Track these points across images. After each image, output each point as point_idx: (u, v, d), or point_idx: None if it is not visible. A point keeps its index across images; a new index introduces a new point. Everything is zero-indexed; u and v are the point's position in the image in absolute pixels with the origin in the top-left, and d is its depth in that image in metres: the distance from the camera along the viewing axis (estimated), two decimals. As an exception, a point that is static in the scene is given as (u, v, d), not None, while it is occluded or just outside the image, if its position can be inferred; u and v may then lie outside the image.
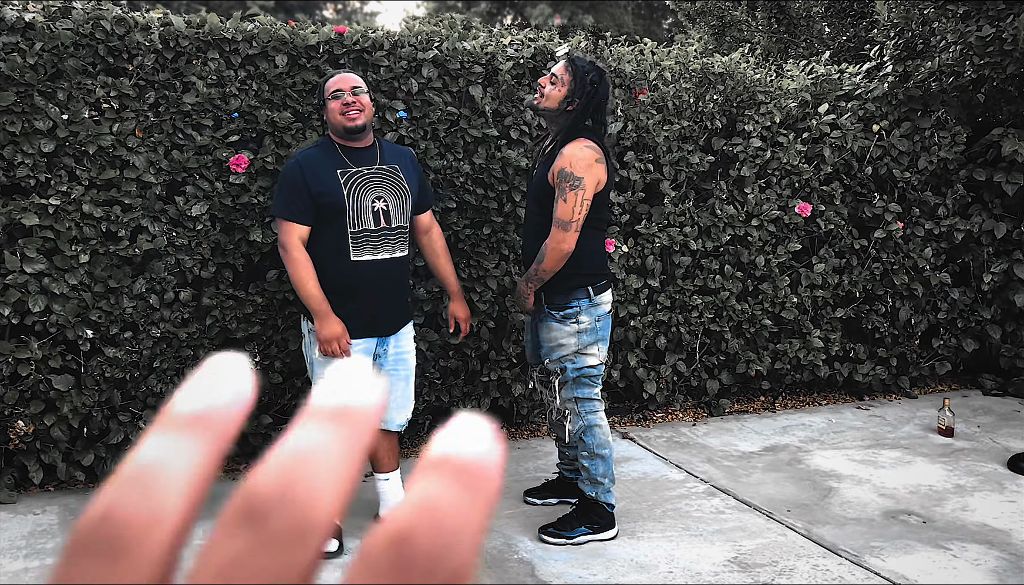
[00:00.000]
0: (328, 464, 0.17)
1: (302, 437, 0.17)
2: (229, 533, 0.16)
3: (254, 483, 0.17)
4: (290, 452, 0.17)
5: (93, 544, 0.16)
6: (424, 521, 0.16)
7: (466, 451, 0.18)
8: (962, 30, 5.40)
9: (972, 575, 3.30)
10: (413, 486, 0.17)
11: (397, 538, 0.16)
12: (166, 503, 0.16)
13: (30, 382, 3.81)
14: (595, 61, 3.52)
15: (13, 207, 3.72)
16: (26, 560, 3.33)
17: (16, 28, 3.72)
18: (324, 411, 0.18)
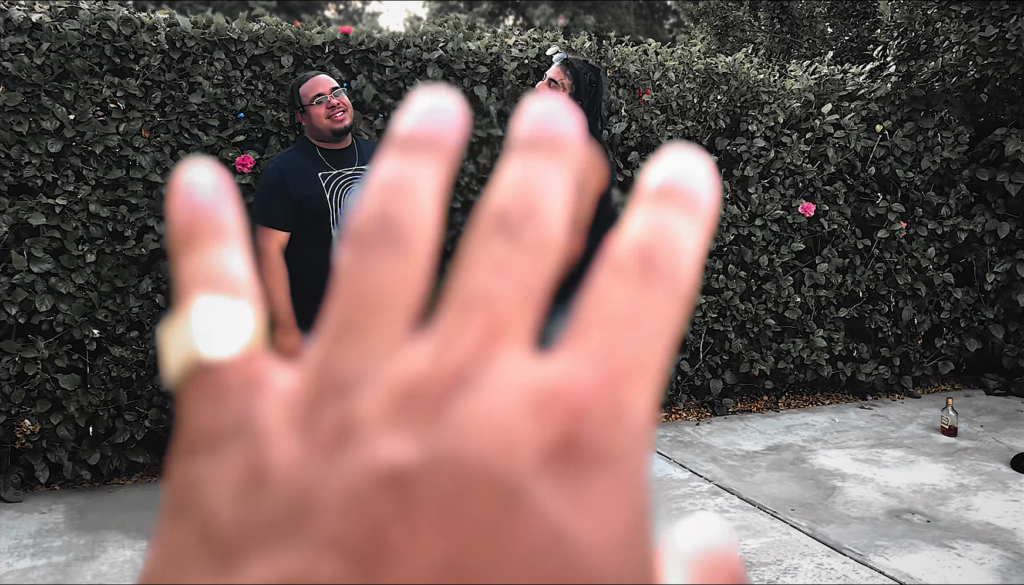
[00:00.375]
0: (555, 189, 0.19)
1: (525, 168, 0.19)
2: (489, 240, 0.19)
3: (500, 201, 0.19)
4: (521, 177, 0.19)
5: (379, 239, 0.19)
6: (663, 241, 0.19)
7: (688, 180, 0.20)
8: (965, 30, 5.40)
9: (976, 574, 3.31)
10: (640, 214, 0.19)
11: (643, 252, 0.19)
12: (428, 208, 0.19)
13: (37, 381, 3.82)
14: (587, 59, 3.53)
15: (20, 207, 3.74)
16: (33, 558, 3.34)
17: (23, 28, 3.74)
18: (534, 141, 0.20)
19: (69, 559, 3.34)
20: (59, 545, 3.46)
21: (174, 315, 0.20)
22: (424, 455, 0.17)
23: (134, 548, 3.44)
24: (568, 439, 0.17)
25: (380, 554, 0.16)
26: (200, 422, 0.19)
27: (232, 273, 0.20)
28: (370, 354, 0.18)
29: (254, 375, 0.19)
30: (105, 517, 3.72)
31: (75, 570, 3.26)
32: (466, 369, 0.18)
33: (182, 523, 0.18)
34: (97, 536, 3.54)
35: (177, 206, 0.21)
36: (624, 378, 0.18)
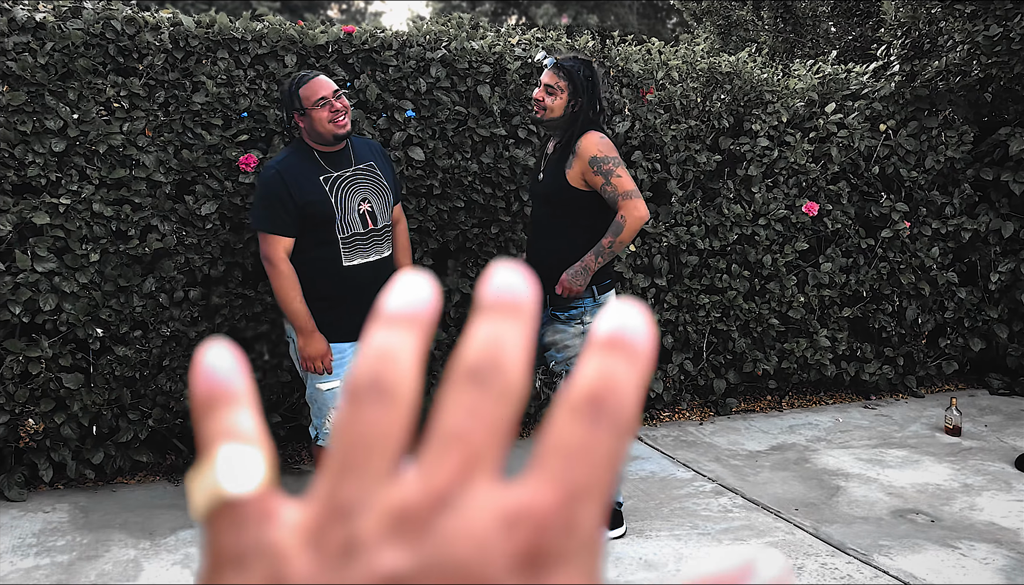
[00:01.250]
0: (516, 345, 0.23)
1: (490, 328, 0.23)
2: (463, 388, 0.23)
3: (471, 355, 0.23)
4: (487, 335, 0.23)
5: (371, 395, 0.23)
6: (609, 388, 0.22)
7: (627, 328, 0.23)
8: (969, 29, 5.39)
9: (981, 574, 3.31)
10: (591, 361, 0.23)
11: (592, 397, 0.22)
12: (410, 370, 0.23)
13: (40, 380, 3.83)
14: (576, 55, 3.53)
15: (24, 206, 3.74)
16: (36, 557, 3.35)
17: (27, 28, 3.74)
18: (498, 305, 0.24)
19: (72, 558, 3.35)
20: (63, 544, 3.46)
21: (199, 463, 0.24)
22: (417, 564, 0.21)
23: (137, 547, 3.45)
24: (533, 548, 0.21)
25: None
26: (225, 546, 0.23)
27: (247, 427, 0.25)
28: (366, 486, 0.23)
29: (267, 508, 0.23)
30: (108, 516, 3.73)
31: (78, 569, 3.27)
32: (447, 494, 0.22)
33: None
34: (100, 535, 3.54)
35: (199, 381, 0.25)
36: (577, 499, 0.22)
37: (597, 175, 3.33)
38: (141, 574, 3.25)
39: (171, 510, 3.80)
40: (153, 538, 3.53)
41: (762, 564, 0.23)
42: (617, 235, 3.33)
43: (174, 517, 3.73)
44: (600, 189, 3.35)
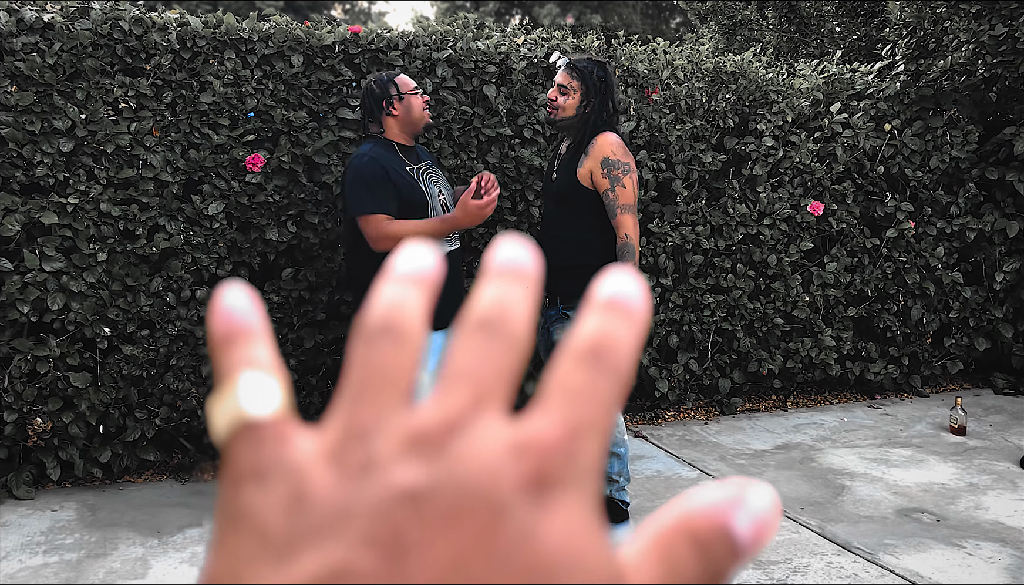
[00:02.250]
0: (522, 304, 0.25)
1: (499, 288, 0.25)
2: (473, 335, 0.25)
3: (481, 308, 0.25)
4: (495, 293, 0.25)
5: (383, 335, 0.25)
6: (608, 340, 0.25)
7: (624, 292, 0.25)
8: (974, 29, 5.40)
9: (986, 572, 3.31)
10: (591, 318, 0.25)
11: (593, 347, 0.24)
12: (419, 319, 0.25)
13: (48, 379, 3.84)
14: (590, 56, 3.55)
15: (32, 206, 3.76)
16: (45, 556, 3.36)
17: (35, 28, 3.76)
18: (504, 271, 0.26)
19: (81, 556, 3.36)
20: (71, 542, 3.47)
21: (219, 390, 0.26)
22: (431, 480, 0.22)
23: (145, 545, 3.46)
24: (538, 473, 0.23)
25: (402, 550, 0.21)
26: (246, 464, 0.24)
27: (265, 358, 0.26)
28: (383, 412, 0.24)
29: (285, 431, 0.25)
30: (116, 514, 3.74)
31: (87, 567, 3.28)
32: (460, 421, 0.23)
33: (238, 535, 0.23)
34: (108, 533, 3.56)
35: (217, 319, 0.26)
36: (578, 433, 0.23)
37: (604, 178, 3.36)
38: (149, 572, 3.26)
39: (178, 508, 3.82)
40: (161, 536, 3.55)
41: (752, 497, 0.24)
42: (632, 257, 3.38)
43: (181, 515, 3.74)
44: (603, 192, 3.37)
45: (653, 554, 0.24)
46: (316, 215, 4.21)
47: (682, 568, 0.23)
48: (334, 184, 4.21)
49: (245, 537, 0.23)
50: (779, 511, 0.24)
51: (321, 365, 4.37)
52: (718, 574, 0.23)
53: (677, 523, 0.24)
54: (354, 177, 3.27)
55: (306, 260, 4.29)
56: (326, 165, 4.19)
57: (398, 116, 3.37)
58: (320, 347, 4.34)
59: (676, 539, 0.24)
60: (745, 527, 0.23)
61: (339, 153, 4.23)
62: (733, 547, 0.23)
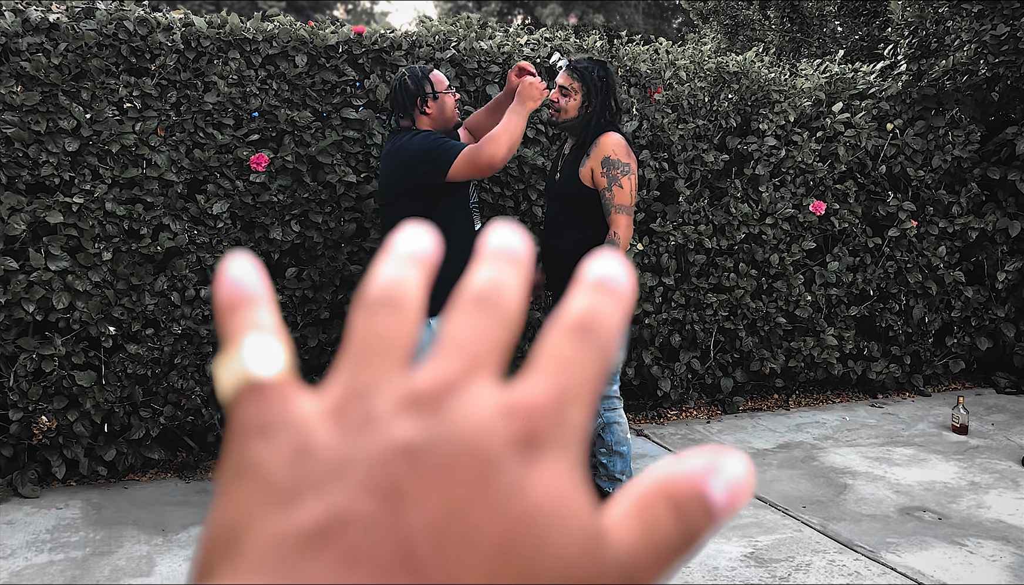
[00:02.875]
0: (514, 284, 0.27)
1: (493, 268, 0.27)
2: (469, 309, 0.26)
3: (476, 285, 0.27)
4: (488, 273, 0.27)
5: (383, 305, 0.27)
6: (595, 316, 0.26)
7: (612, 274, 0.27)
8: (976, 29, 5.40)
9: (988, 571, 3.32)
10: (580, 296, 0.27)
11: (581, 321, 0.26)
12: (417, 293, 0.27)
13: (53, 378, 3.86)
14: (590, 56, 3.58)
15: (38, 205, 3.78)
16: (51, 553, 3.38)
17: (41, 29, 3.77)
18: (497, 254, 0.28)
19: (86, 554, 3.38)
20: (76, 540, 3.49)
21: (225, 351, 0.27)
22: (426, 436, 0.24)
23: (150, 543, 3.47)
24: (527, 433, 0.24)
25: (399, 498, 0.23)
26: (250, 418, 0.25)
27: (269, 322, 0.28)
28: (382, 375, 0.25)
29: (289, 391, 0.26)
30: (121, 513, 3.76)
31: (92, 564, 3.30)
32: (455, 384, 0.25)
33: (244, 485, 0.24)
34: (113, 531, 3.57)
35: (223, 287, 0.28)
36: (566, 399, 0.25)
37: (603, 177, 3.39)
38: (154, 570, 3.28)
39: (183, 506, 3.83)
40: (165, 534, 3.56)
41: (727, 464, 0.26)
42: None
43: (186, 514, 3.76)
44: (600, 191, 3.41)
45: (633, 515, 0.25)
46: (320, 214, 4.23)
47: (660, 529, 0.25)
48: (338, 184, 4.22)
49: (250, 487, 0.24)
50: (752, 479, 0.26)
51: (325, 364, 4.38)
52: (693, 536, 0.25)
53: (657, 487, 0.25)
54: (420, 147, 3.28)
55: (310, 259, 4.31)
56: (330, 165, 4.20)
57: (431, 114, 3.40)
58: (324, 346, 4.35)
59: (655, 502, 0.25)
60: (720, 492, 0.25)
61: (343, 153, 4.25)
62: (708, 511, 0.25)
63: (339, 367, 0.27)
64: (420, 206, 3.29)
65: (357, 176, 4.29)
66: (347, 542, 0.22)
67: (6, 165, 3.74)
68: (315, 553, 0.22)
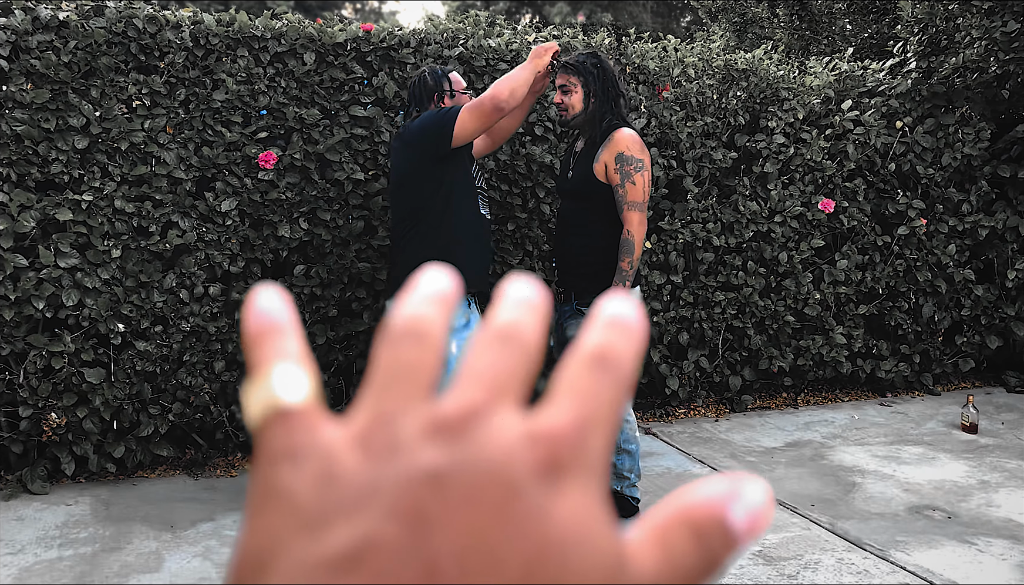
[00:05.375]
0: (534, 325, 0.28)
1: (512, 310, 0.28)
2: (491, 343, 0.27)
3: (499, 322, 0.28)
4: (509, 313, 0.28)
5: (407, 337, 0.27)
6: (612, 350, 0.27)
7: (624, 313, 0.28)
8: (987, 26, 5.38)
9: (998, 570, 3.31)
10: (595, 331, 0.28)
11: (599, 354, 0.27)
12: (441, 328, 0.28)
13: (63, 375, 3.87)
14: (580, 51, 3.61)
15: (47, 203, 3.79)
16: (60, 549, 3.39)
17: (50, 26, 3.79)
18: (517, 299, 0.28)
19: (95, 550, 3.39)
20: (85, 536, 3.50)
21: (253, 379, 0.27)
22: (452, 462, 0.24)
23: (159, 540, 3.48)
24: (550, 460, 0.25)
25: (424, 523, 0.23)
26: (278, 445, 0.26)
27: (296, 351, 0.28)
28: (406, 402, 0.26)
29: (314, 418, 0.27)
30: (130, 509, 3.77)
31: (101, 560, 3.31)
32: (479, 412, 0.25)
33: (272, 512, 0.25)
34: (122, 528, 3.58)
35: (252, 319, 0.29)
36: (587, 427, 0.26)
37: (616, 173, 3.40)
38: (163, 566, 3.29)
39: (191, 503, 3.84)
40: (174, 531, 3.57)
41: (748, 490, 0.26)
42: (631, 254, 3.41)
43: (194, 510, 3.77)
44: (614, 187, 3.41)
45: (654, 541, 0.25)
46: (328, 212, 4.23)
47: (681, 555, 0.25)
48: (346, 181, 4.23)
49: (279, 513, 0.25)
50: (772, 505, 0.26)
51: (333, 361, 4.39)
52: (714, 562, 0.25)
53: (678, 513, 0.26)
54: (423, 119, 3.37)
55: (318, 257, 4.31)
56: (338, 162, 4.21)
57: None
58: (332, 343, 4.36)
59: (676, 528, 0.25)
60: (741, 518, 0.25)
61: (351, 150, 4.25)
62: (729, 536, 0.25)
63: (364, 395, 0.27)
64: (428, 190, 3.35)
65: (365, 174, 4.30)
66: (375, 567, 0.23)
67: (16, 162, 3.75)
68: (344, 577, 0.23)
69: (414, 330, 0.27)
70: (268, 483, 0.25)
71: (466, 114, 3.28)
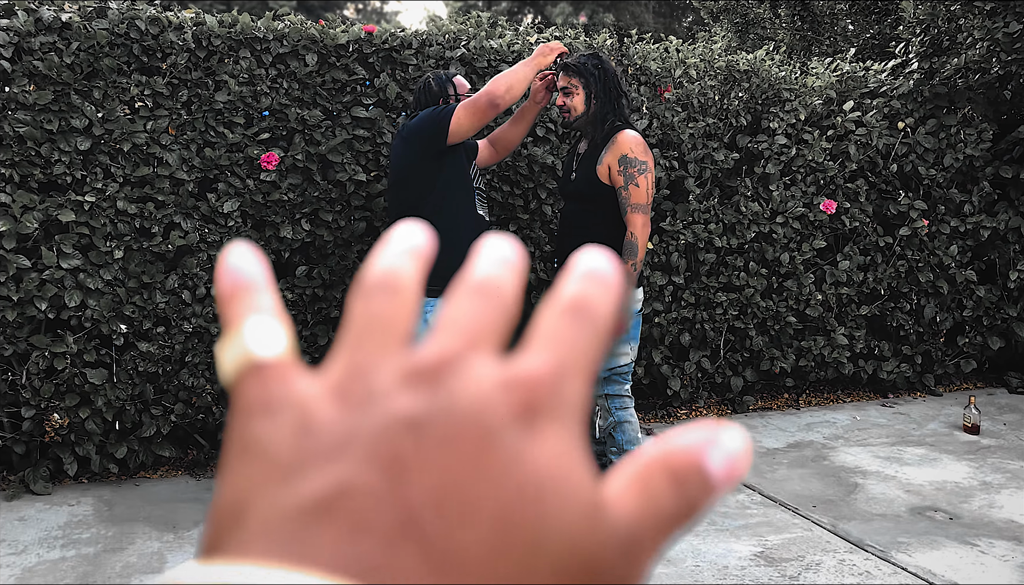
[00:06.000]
0: (509, 278, 0.28)
1: (488, 265, 0.28)
2: (469, 295, 0.27)
3: (476, 276, 0.28)
4: (486, 267, 0.28)
5: (381, 290, 0.28)
6: (588, 298, 0.27)
7: (600, 265, 0.28)
8: (989, 26, 5.38)
9: (999, 571, 3.31)
10: (571, 282, 0.28)
11: (575, 302, 0.27)
12: (414, 280, 0.28)
13: (65, 376, 3.88)
14: (580, 52, 3.62)
15: (50, 204, 3.80)
16: (63, 549, 3.40)
17: (53, 28, 3.79)
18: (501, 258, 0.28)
19: (98, 550, 3.39)
20: (88, 537, 3.51)
21: (227, 333, 0.27)
22: (428, 408, 0.24)
23: (161, 540, 3.49)
24: (527, 405, 0.25)
25: (401, 469, 0.23)
26: (253, 398, 0.26)
27: (270, 305, 0.28)
28: (381, 352, 0.26)
29: (289, 370, 0.27)
30: (132, 510, 3.78)
31: (104, 561, 3.31)
32: (455, 359, 0.25)
33: (248, 462, 0.25)
34: (125, 528, 3.59)
35: (224, 276, 0.29)
36: (563, 373, 0.26)
37: (620, 175, 3.40)
38: (166, 566, 3.29)
39: (194, 504, 3.85)
40: (176, 531, 3.58)
41: (725, 437, 0.26)
42: (634, 256, 3.42)
43: (197, 511, 3.78)
44: (617, 190, 3.42)
45: (634, 486, 0.26)
46: (330, 213, 4.24)
47: (660, 499, 0.25)
48: (348, 182, 4.23)
49: (255, 463, 0.25)
50: (750, 452, 0.26)
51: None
52: (692, 507, 0.26)
53: (657, 459, 0.26)
54: (420, 118, 3.39)
55: (320, 258, 4.32)
56: (340, 163, 4.21)
57: None
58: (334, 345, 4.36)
59: (655, 473, 0.26)
60: (718, 464, 0.25)
61: (353, 152, 4.26)
62: (707, 482, 0.25)
63: (339, 347, 0.27)
64: (424, 187, 3.37)
65: (367, 175, 4.30)
66: (351, 512, 0.23)
67: (19, 164, 3.76)
68: (320, 524, 0.23)
69: (388, 283, 0.28)
70: (243, 436, 0.25)
71: (462, 111, 3.29)
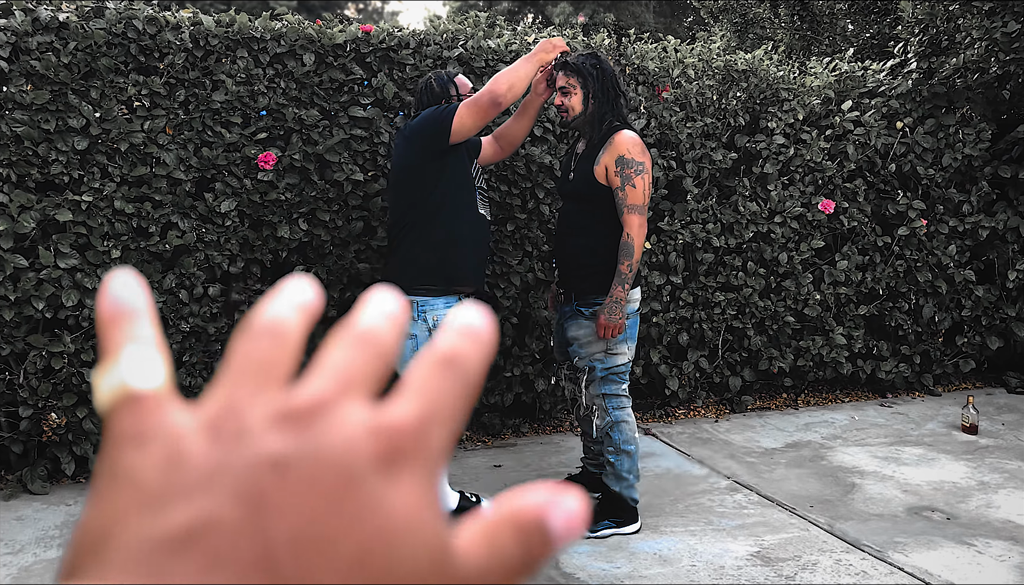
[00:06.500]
0: (389, 329, 0.29)
1: (372, 315, 0.29)
2: (347, 343, 0.28)
3: (358, 325, 0.29)
4: (368, 316, 0.29)
5: (265, 334, 0.28)
6: (458, 352, 0.29)
7: (475, 322, 0.30)
8: (987, 26, 5.37)
9: (996, 571, 3.31)
10: (446, 336, 0.29)
11: (446, 356, 0.29)
12: (298, 328, 0.29)
13: (63, 375, 3.88)
14: (580, 52, 3.61)
15: (47, 203, 3.80)
16: (60, 549, 3.40)
17: (50, 28, 3.79)
18: (381, 306, 0.30)
19: (95, 550, 3.39)
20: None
21: (105, 361, 0.28)
22: (295, 450, 0.25)
23: (158, 540, 3.49)
24: (390, 452, 0.26)
25: (263, 508, 0.24)
26: (126, 429, 0.26)
27: (148, 335, 0.29)
28: (258, 392, 0.27)
29: (163, 403, 0.27)
30: (130, 509, 3.77)
31: (101, 561, 3.31)
32: (327, 403, 0.26)
33: (116, 490, 0.25)
34: (122, 528, 3.59)
35: (104, 303, 0.29)
36: (429, 422, 0.27)
37: (617, 176, 3.40)
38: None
39: (191, 503, 3.85)
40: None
41: (566, 499, 0.28)
42: (630, 256, 3.41)
43: (194, 510, 3.77)
44: (614, 190, 3.41)
45: (482, 536, 0.27)
46: (327, 213, 4.24)
47: (505, 550, 0.27)
48: (345, 182, 4.23)
49: (122, 494, 0.25)
50: (587, 513, 0.28)
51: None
52: (533, 558, 0.27)
53: (504, 514, 0.28)
54: (422, 117, 3.37)
55: (317, 258, 4.32)
56: (337, 163, 4.21)
57: None
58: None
59: (503, 526, 0.27)
60: (559, 522, 0.27)
61: (350, 151, 4.26)
62: (547, 537, 0.27)
63: (218, 384, 0.28)
64: (426, 186, 3.36)
65: (364, 174, 4.30)
66: (211, 546, 0.24)
67: (16, 163, 3.76)
68: (180, 555, 0.23)
69: (273, 329, 0.28)
70: (113, 464, 0.26)
71: (464, 110, 3.29)
